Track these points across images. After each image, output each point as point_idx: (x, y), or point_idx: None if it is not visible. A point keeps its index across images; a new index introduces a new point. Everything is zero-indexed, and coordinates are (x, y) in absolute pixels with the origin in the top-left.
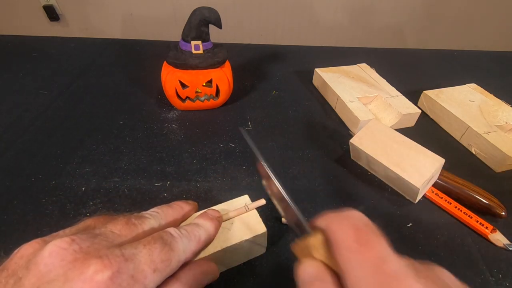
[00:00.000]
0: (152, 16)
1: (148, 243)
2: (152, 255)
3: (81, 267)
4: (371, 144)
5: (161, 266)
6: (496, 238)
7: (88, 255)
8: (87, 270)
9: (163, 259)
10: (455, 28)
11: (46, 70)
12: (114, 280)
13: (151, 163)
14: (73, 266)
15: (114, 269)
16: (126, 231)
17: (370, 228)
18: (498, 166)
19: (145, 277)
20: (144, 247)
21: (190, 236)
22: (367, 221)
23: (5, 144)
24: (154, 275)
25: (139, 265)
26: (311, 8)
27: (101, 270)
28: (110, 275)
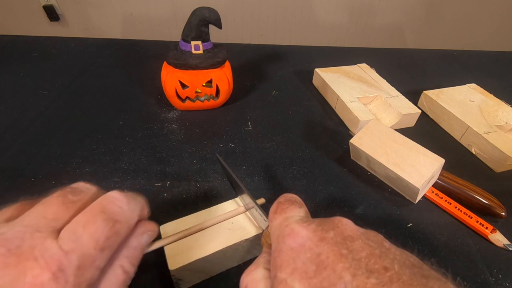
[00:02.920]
0: (152, 16)
1: (87, 223)
2: (95, 235)
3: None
4: (371, 144)
5: (109, 243)
6: (496, 238)
7: (21, 257)
8: (23, 277)
9: (109, 235)
10: (455, 28)
11: (46, 70)
12: (58, 280)
13: (151, 163)
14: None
15: (53, 268)
16: (62, 212)
17: (288, 201)
18: (498, 166)
19: (94, 261)
20: (84, 229)
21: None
22: (291, 196)
23: (5, 144)
24: (103, 254)
25: (83, 252)
26: (311, 8)
27: (39, 274)
28: (50, 277)
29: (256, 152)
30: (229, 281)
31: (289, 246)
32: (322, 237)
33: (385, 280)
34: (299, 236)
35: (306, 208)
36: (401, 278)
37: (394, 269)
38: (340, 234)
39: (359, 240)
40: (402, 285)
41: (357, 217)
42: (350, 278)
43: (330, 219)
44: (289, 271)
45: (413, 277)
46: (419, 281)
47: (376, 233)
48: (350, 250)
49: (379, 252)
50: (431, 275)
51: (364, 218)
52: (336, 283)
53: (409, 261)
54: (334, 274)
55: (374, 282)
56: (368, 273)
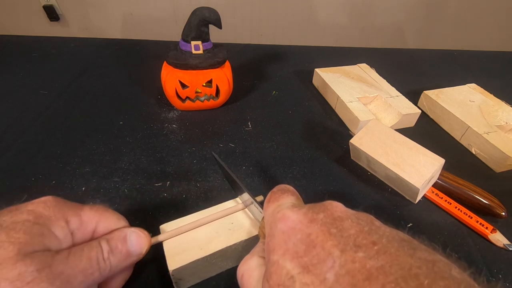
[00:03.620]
0: (152, 16)
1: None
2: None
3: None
4: (371, 144)
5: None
6: (496, 238)
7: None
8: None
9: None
10: (455, 28)
11: (46, 70)
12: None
13: (151, 163)
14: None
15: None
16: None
17: (280, 190)
18: (498, 166)
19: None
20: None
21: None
22: (284, 186)
23: (5, 144)
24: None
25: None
26: (311, 8)
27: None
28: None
29: (256, 152)
30: (229, 281)
31: (281, 230)
32: (312, 218)
33: (373, 253)
34: (290, 220)
35: (299, 196)
36: (389, 251)
37: (382, 243)
38: (330, 216)
39: (348, 219)
40: (389, 256)
41: None
42: (339, 253)
43: (321, 203)
44: (281, 253)
45: (401, 249)
46: (406, 252)
47: (367, 214)
48: (339, 229)
49: (368, 229)
50: (420, 247)
51: None
52: (326, 259)
53: (398, 236)
54: (323, 251)
55: (361, 255)
56: (356, 248)
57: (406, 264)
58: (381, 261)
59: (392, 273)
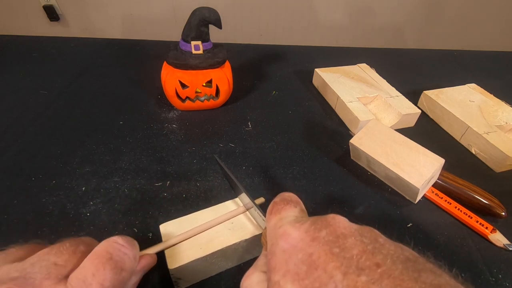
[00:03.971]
0: (152, 16)
1: (97, 270)
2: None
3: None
4: (371, 144)
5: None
6: (496, 238)
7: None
8: None
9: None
10: (455, 28)
11: (46, 70)
12: None
13: (151, 163)
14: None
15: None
16: (73, 260)
17: (283, 200)
18: (498, 166)
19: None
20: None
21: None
22: (287, 195)
23: (5, 144)
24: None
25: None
26: (311, 8)
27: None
28: None
29: (256, 152)
30: (228, 281)
31: (282, 248)
32: (314, 236)
33: (376, 277)
34: (291, 237)
35: (302, 206)
36: (393, 274)
37: (386, 265)
38: (332, 233)
39: (352, 237)
40: (393, 281)
41: (357, 217)
42: (341, 277)
43: (324, 217)
44: (282, 273)
45: (405, 271)
46: (410, 276)
47: (370, 229)
48: (342, 248)
49: (371, 248)
50: (425, 268)
51: (364, 218)
52: (327, 283)
53: (403, 255)
54: (325, 274)
55: (364, 280)
56: (359, 271)
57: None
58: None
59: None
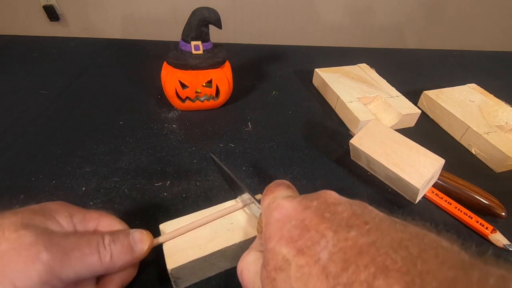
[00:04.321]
0: (152, 16)
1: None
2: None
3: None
4: (371, 144)
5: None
6: (496, 239)
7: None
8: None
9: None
10: (455, 28)
11: (46, 70)
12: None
13: (151, 163)
14: None
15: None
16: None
17: (276, 183)
18: (498, 166)
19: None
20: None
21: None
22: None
23: (5, 144)
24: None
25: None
26: (311, 8)
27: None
28: None
29: (256, 152)
30: (228, 281)
31: (276, 218)
32: (306, 205)
33: (364, 231)
34: (284, 208)
35: (294, 188)
36: (380, 228)
37: (374, 222)
38: (324, 202)
39: (342, 205)
40: (381, 233)
41: None
42: (332, 234)
43: (316, 192)
44: (276, 239)
45: (392, 225)
46: (398, 228)
47: (361, 201)
48: (332, 213)
49: (360, 212)
50: (411, 224)
51: None
52: (319, 241)
53: (390, 218)
54: (317, 233)
55: (354, 234)
56: (349, 228)
57: (396, 238)
58: (373, 237)
59: (383, 246)
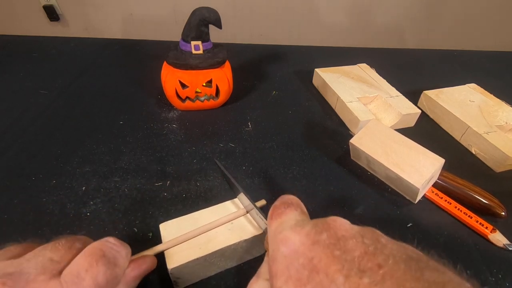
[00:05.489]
0: (152, 16)
1: (90, 266)
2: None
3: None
4: (371, 144)
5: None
6: (496, 238)
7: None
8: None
9: (109, 279)
10: (455, 28)
11: (46, 70)
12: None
13: (151, 163)
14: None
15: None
16: (68, 256)
17: (283, 204)
18: (498, 166)
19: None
20: (86, 272)
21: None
22: (288, 198)
23: (5, 144)
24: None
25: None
26: (311, 8)
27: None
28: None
29: (256, 152)
30: (228, 281)
31: (283, 254)
32: (315, 240)
33: (378, 279)
34: (291, 242)
35: (303, 208)
36: (395, 275)
37: (388, 266)
38: (333, 235)
39: (353, 239)
40: (395, 281)
41: (357, 217)
42: (343, 280)
43: (325, 220)
44: (284, 280)
45: (408, 271)
46: (413, 275)
47: (372, 230)
48: (343, 250)
49: (373, 249)
50: (428, 266)
51: (364, 218)
52: (329, 287)
53: (406, 254)
54: (326, 278)
55: (366, 282)
56: (361, 273)
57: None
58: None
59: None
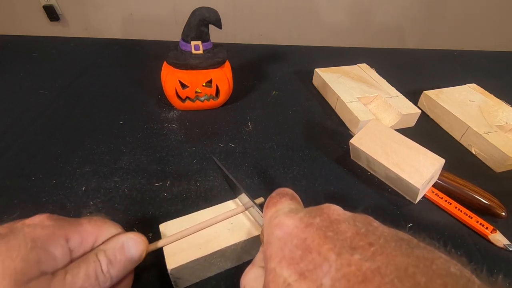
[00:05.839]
0: (152, 16)
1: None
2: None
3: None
4: (371, 144)
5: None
6: (496, 239)
7: None
8: None
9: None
10: (455, 28)
11: (46, 70)
12: None
13: (151, 163)
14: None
15: None
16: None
17: (279, 194)
18: (498, 166)
19: None
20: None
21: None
22: (283, 190)
23: (5, 144)
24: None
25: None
26: (311, 8)
27: None
28: None
29: (256, 152)
30: (228, 281)
31: (277, 236)
32: (308, 223)
33: (369, 255)
34: (286, 226)
35: (298, 199)
36: (385, 251)
37: (379, 244)
38: (326, 219)
39: (345, 222)
40: (386, 257)
41: None
42: (335, 257)
43: (319, 207)
44: (278, 260)
45: (398, 248)
46: (404, 252)
47: (365, 216)
48: (335, 232)
49: (365, 231)
50: (418, 245)
51: None
52: (322, 264)
53: (397, 236)
54: (319, 256)
55: (357, 258)
56: (352, 250)
57: (402, 264)
58: (377, 262)
59: (388, 274)
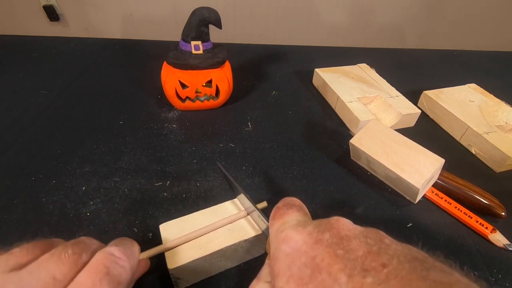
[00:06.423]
0: (152, 16)
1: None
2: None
3: None
4: (371, 144)
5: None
6: (496, 239)
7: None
8: None
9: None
10: (455, 28)
11: (46, 70)
12: None
13: (151, 163)
14: None
15: None
16: (72, 272)
17: (286, 205)
18: (498, 166)
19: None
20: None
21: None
22: (290, 200)
23: (5, 144)
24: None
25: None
26: (311, 8)
27: None
28: None
29: (256, 153)
30: (228, 281)
31: (285, 253)
32: (317, 239)
33: (382, 278)
34: (293, 241)
35: (305, 210)
36: (400, 274)
37: (393, 265)
38: (336, 235)
39: (356, 239)
40: (400, 281)
41: (357, 217)
42: (346, 279)
43: (327, 220)
44: (286, 279)
45: (413, 271)
46: (419, 275)
47: (376, 231)
48: (346, 250)
49: (377, 249)
50: (434, 266)
51: (364, 218)
52: (332, 286)
53: (411, 255)
54: (329, 277)
55: (370, 281)
56: (364, 272)
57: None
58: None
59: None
